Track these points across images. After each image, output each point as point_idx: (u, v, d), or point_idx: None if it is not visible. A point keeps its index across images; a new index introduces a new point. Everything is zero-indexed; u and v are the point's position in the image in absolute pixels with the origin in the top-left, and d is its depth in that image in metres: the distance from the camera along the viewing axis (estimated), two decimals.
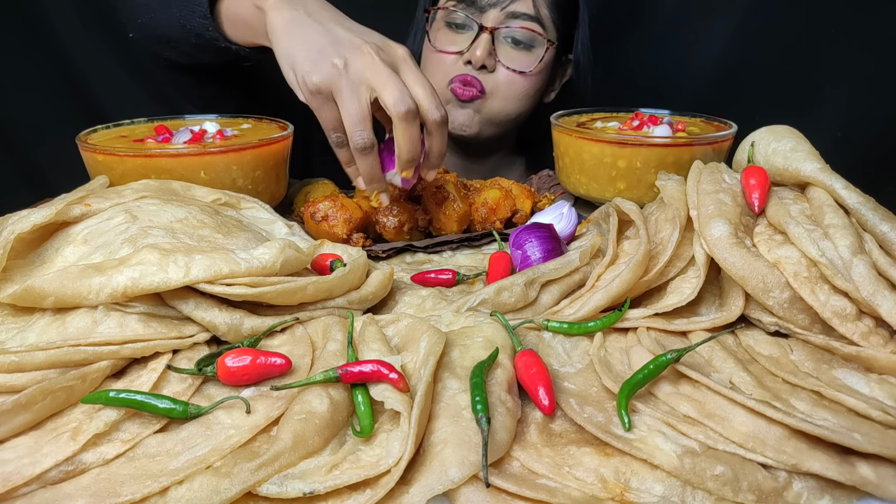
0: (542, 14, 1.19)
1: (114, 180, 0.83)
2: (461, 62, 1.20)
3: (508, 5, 1.17)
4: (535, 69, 1.21)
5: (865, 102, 1.56)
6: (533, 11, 1.18)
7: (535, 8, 1.18)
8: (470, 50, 1.18)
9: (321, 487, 0.44)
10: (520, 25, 1.18)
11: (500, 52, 1.19)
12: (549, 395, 0.51)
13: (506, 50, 1.20)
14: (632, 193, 0.95)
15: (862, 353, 0.56)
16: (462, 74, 1.20)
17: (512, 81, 1.22)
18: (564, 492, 0.45)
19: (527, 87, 1.23)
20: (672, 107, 1.12)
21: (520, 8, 1.17)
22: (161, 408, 0.49)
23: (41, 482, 0.44)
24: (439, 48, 1.22)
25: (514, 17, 1.17)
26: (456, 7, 1.20)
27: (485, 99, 1.22)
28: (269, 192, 0.93)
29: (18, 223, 0.64)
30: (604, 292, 0.64)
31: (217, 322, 0.57)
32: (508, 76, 1.21)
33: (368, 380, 0.51)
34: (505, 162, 1.43)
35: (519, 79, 1.21)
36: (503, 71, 1.20)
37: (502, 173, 1.41)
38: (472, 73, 1.20)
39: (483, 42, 1.17)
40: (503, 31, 1.18)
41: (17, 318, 0.59)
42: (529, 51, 1.20)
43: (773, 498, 0.45)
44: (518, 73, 1.20)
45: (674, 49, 1.62)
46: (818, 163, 0.68)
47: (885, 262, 0.58)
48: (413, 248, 0.89)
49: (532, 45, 1.20)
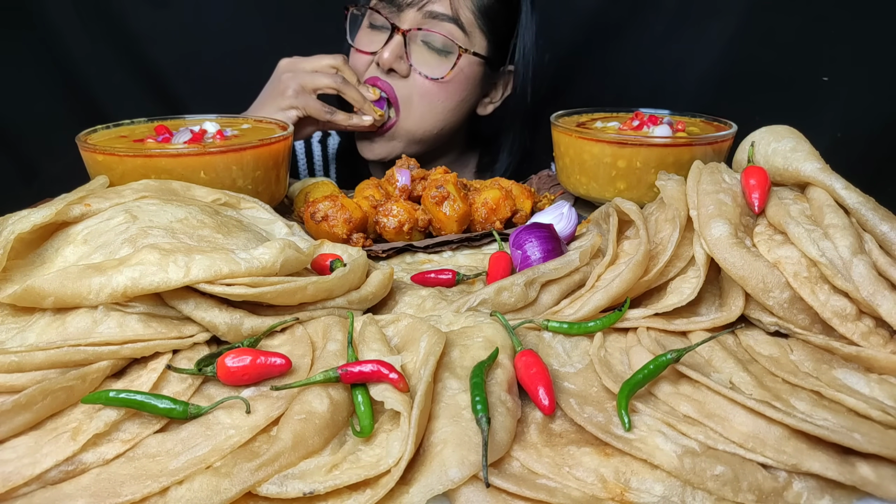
0: (464, 17, 1.14)
1: (114, 180, 0.83)
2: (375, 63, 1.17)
3: (426, 5, 1.12)
4: (447, 76, 1.16)
5: (865, 102, 1.56)
6: (451, 12, 1.13)
7: (454, 9, 1.13)
8: (380, 51, 1.15)
9: (321, 487, 0.44)
10: (435, 29, 1.13)
11: (414, 57, 1.15)
12: (549, 395, 0.51)
13: (421, 54, 1.16)
14: (632, 193, 0.95)
15: (862, 353, 0.56)
16: (371, 77, 1.17)
17: (426, 93, 1.17)
18: (564, 492, 0.45)
19: (443, 98, 1.18)
20: (672, 107, 1.12)
21: (437, 8, 1.13)
22: (161, 408, 0.49)
23: (41, 482, 0.44)
24: (357, 47, 1.20)
25: (432, 17, 1.13)
26: (377, 6, 1.16)
27: (397, 122, 1.19)
28: (269, 192, 0.93)
29: (18, 223, 0.64)
30: (604, 292, 0.64)
31: (217, 322, 0.57)
32: (423, 87, 1.16)
33: (368, 380, 0.51)
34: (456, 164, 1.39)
35: (433, 89, 1.17)
36: (417, 78, 1.16)
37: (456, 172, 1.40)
38: (383, 78, 1.16)
39: (393, 43, 1.13)
40: (419, 34, 1.14)
41: (17, 318, 0.59)
42: (445, 56, 1.16)
43: (773, 498, 0.45)
44: (430, 80, 1.16)
45: (674, 49, 1.62)
46: (818, 163, 0.68)
47: (885, 262, 0.58)
48: (413, 248, 0.89)
49: (448, 51, 1.15)
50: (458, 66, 1.16)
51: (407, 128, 1.20)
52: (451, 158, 1.39)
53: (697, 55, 1.62)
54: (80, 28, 1.67)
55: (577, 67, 1.69)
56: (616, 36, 1.65)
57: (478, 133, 1.41)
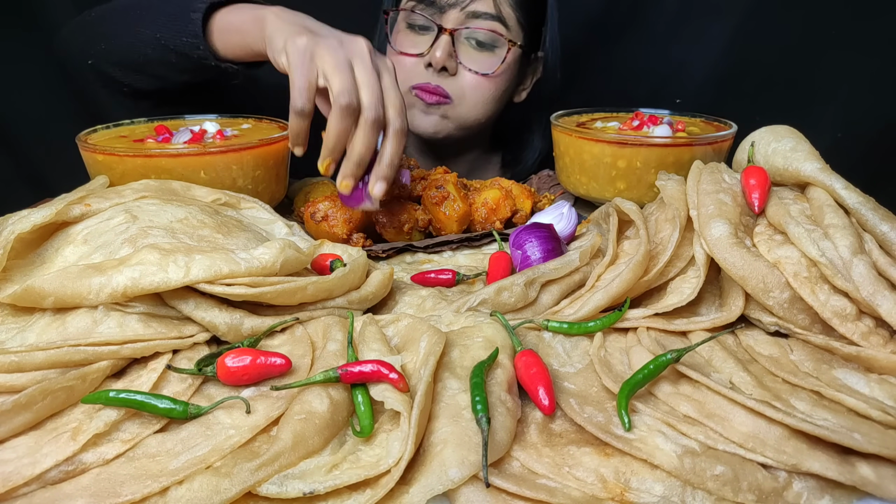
0: (505, 13, 1.16)
1: (114, 180, 0.83)
2: (422, 64, 1.18)
3: (468, 5, 1.14)
4: (497, 70, 1.18)
5: (866, 102, 1.56)
6: (494, 10, 1.15)
7: (497, 7, 1.15)
8: (430, 52, 1.15)
9: (321, 487, 0.44)
10: (481, 26, 1.15)
11: (461, 54, 1.17)
12: (549, 395, 0.51)
13: (468, 51, 1.17)
14: (632, 193, 0.95)
15: (862, 353, 0.56)
16: (423, 83, 1.18)
17: (477, 86, 1.19)
18: (564, 492, 0.45)
19: (492, 90, 1.21)
20: (672, 107, 1.12)
21: (480, 7, 1.14)
22: (161, 408, 0.49)
23: (41, 482, 0.44)
24: (399, 50, 1.20)
25: (475, 16, 1.14)
26: (416, 8, 1.17)
27: (452, 105, 1.20)
28: (269, 192, 0.93)
29: (18, 223, 0.64)
30: (604, 292, 0.64)
31: (217, 322, 0.57)
32: (473, 80, 1.18)
33: (368, 380, 0.51)
34: (480, 161, 1.41)
35: (483, 82, 1.19)
36: (466, 74, 1.18)
37: (478, 172, 1.40)
38: (434, 81, 1.17)
39: (443, 43, 1.14)
40: (464, 32, 1.15)
41: (17, 318, 0.59)
42: (492, 52, 1.18)
43: (773, 498, 0.45)
44: (481, 75, 1.18)
45: (674, 49, 1.62)
46: (818, 163, 0.68)
47: (885, 262, 0.58)
48: (413, 248, 0.89)
49: (494, 45, 1.17)
50: (507, 60, 1.19)
51: (459, 114, 1.22)
52: (479, 153, 1.40)
53: (697, 55, 1.62)
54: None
55: (577, 67, 1.69)
56: (616, 36, 1.65)
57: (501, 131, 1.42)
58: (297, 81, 0.76)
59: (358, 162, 0.79)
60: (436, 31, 1.16)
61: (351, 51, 0.78)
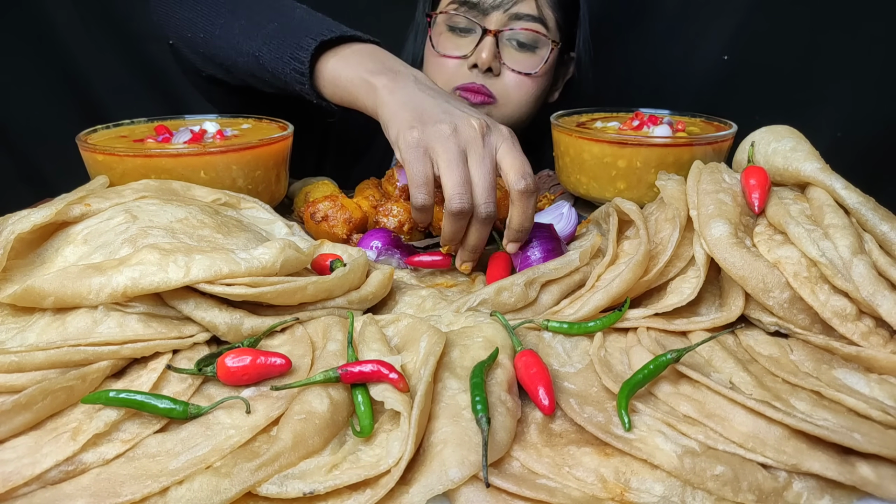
0: (546, 14, 1.19)
1: (114, 180, 0.83)
2: (465, 66, 1.19)
3: (511, 7, 1.16)
4: (540, 70, 1.20)
5: (866, 102, 1.56)
6: (536, 12, 1.17)
7: (539, 8, 1.17)
8: (475, 53, 1.17)
9: (321, 487, 0.44)
10: (523, 27, 1.17)
11: (504, 55, 1.19)
12: (549, 395, 0.51)
13: (510, 52, 1.19)
14: (632, 193, 0.95)
15: (862, 353, 0.56)
16: (468, 83, 1.19)
17: (520, 85, 1.21)
18: (564, 492, 0.45)
19: (535, 89, 1.23)
20: (672, 107, 1.12)
21: (523, 9, 1.17)
22: (161, 408, 0.49)
23: (41, 482, 0.44)
24: (442, 52, 1.21)
25: (518, 18, 1.17)
26: (458, 10, 1.19)
27: (496, 104, 1.21)
28: (269, 192, 0.93)
29: (18, 223, 0.64)
30: (604, 292, 0.64)
31: (217, 322, 0.57)
32: (516, 80, 1.20)
33: (368, 380, 0.51)
34: None
35: (526, 81, 1.21)
36: (509, 74, 1.20)
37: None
38: (479, 81, 1.19)
39: (488, 45, 1.16)
40: (507, 34, 1.17)
41: (17, 318, 0.59)
42: (534, 52, 1.20)
43: (773, 498, 0.45)
44: (524, 75, 1.20)
45: (674, 49, 1.62)
46: (818, 163, 0.68)
47: (885, 262, 0.58)
48: (413, 248, 0.89)
49: (536, 46, 1.19)
50: (549, 60, 1.20)
51: (503, 113, 1.23)
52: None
53: (698, 55, 1.62)
54: (80, 28, 1.67)
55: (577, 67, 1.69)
56: (616, 36, 1.64)
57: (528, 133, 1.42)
58: (414, 178, 0.74)
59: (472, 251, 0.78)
60: (479, 32, 1.17)
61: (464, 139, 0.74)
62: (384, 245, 0.81)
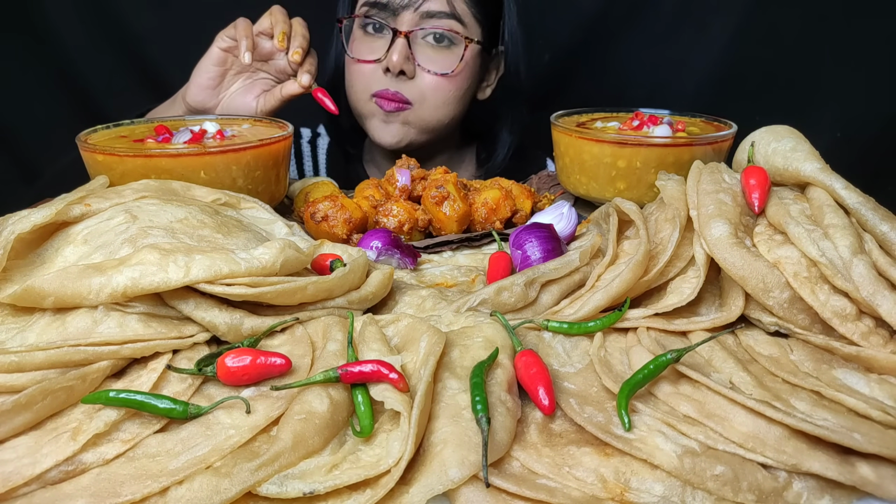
0: (459, 10, 1.16)
1: (114, 180, 0.83)
2: (380, 70, 1.17)
3: (422, 5, 1.13)
4: (456, 69, 1.17)
5: (865, 102, 1.56)
6: (448, 9, 1.14)
7: (450, 4, 1.15)
8: (387, 56, 1.15)
9: (321, 487, 0.44)
10: (436, 25, 1.14)
11: (418, 56, 1.16)
12: (549, 395, 0.51)
13: (425, 52, 1.17)
14: (632, 193, 0.95)
15: (862, 353, 0.56)
16: (382, 90, 1.17)
17: (437, 87, 1.18)
18: (564, 492, 0.45)
19: (452, 89, 1.20)
20: (672, 107, 1.12)
21: (434, 6, 1.14)
22: (161, 408, 0.49)
23: (41, 482, 0.44)
24: (357, 57, 1.20)
25: (430, 16, 1.14)
26: (369, 13, 1.17)
27: (412, 109, 1.19)
28: (269, 192, 0.93)
29: (18, 223, 0.64)
30: (604, 292, 0.64)
31: (217, 322, 0.57)
32: (432, 82, 1.18)
33: (368, 380, 0.51)
34: (454, 160, 1.41)
35: (443, 82, 1.18)
36: (425, 76, 1.17)
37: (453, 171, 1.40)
38: (393, 87, 1.17)
39: (399, 46, 1.14)
40: (419, 34, 1.15)
41: (17, 318, 0.59)
42: (449, 50, 1.17)
43: (773, 498, 0.45)
44: (440, 75, 1.17)
45: (674, 49, 1.62)
46: (818, 163, 0.68)
47: (885, 262, 0.58)
48: (413, 248, 0.89)
49: (452, 43, 1.17)
50: (465, 58, 1.18)
51: (421, 117, 1.21)
52: (450, 153, 1.40)
53: (697, 55, 1.62)
54: (80, 28, 1.67)
55: (576, 67, 1.69)
56: (616, 36, 1.65)
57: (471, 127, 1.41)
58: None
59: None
60: (391, 34, 1.15)
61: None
62: (384, 245, 0.81)
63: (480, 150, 1.44)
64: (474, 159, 1.44)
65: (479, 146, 1.44)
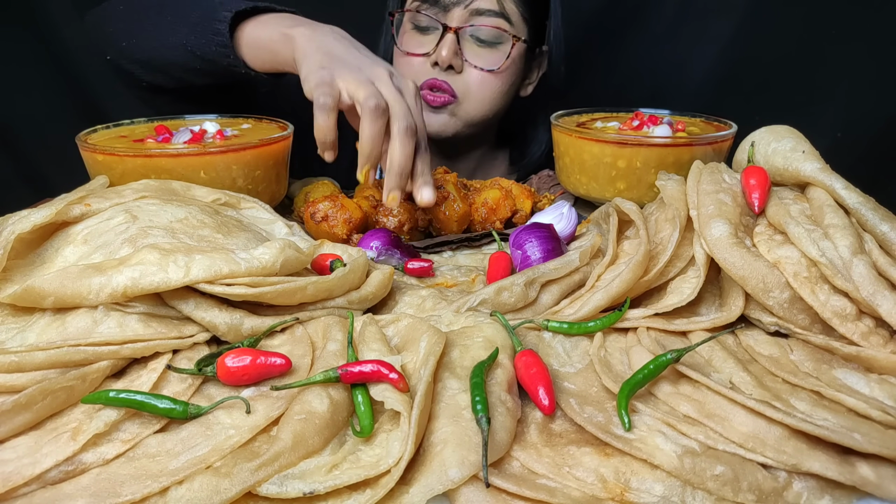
0: (508, 9, 1.18)
1: (114, 180, 0.83)
2: (429, 64, 1.20)
3: (472, 3, 1.15)
4: (502, 66, 1.20)
5: (865, 102, 1.56)
6: (497, 7, 1.17)
7: (500, 3, 1.17)
8: (436, 51, 1.17)
9: (321, 487, 0.44)
10: (484, 23, 1.17)
11: (466, 52, 1.19)
12: (549, 395, 0.51)
13: (472, 48, 1.19)
14: (632, 193, 0.95)
15: (862, 353, 0.56)
16: (430, 80, 1.19)
17: (483, 82, 1.21)
18: (564, 492, 0.45)
19: (498, 85, 1.23)
20: (672, 107, 1.12)
21: (484, 4, 1.16)
22: (161, 408, 0.49)
23: (41, 482, 0.44)
24: (406, 50, 1.22)
25: (479, 14, 1.16)
26: (420, 8, 1.19)
27: (458, 103, 1.21)
28: (269, 192, 0.93)
29: (18, 223, 0.64)
30: (604, 292, 0.64)
31: (217, 322, 0.57)
32: (478, 77, 1.20)
33: (368, 380, 0.51)
34: (487, 158, 1.43)
35: (489, 78, 1.21)
36: (472, 71, 1.20)
37: (485, 169, 1.41)
38: (441, 77, 1.19)
39: (448, 42, 1.16)
40: (468, 30, 1.17)
41: (17, 318, 0.59)
42: (496, 48, 1.19)
43: (773, 498, 0.45)
44: (487, 71, 1.19)
45: (674, 49, 1.62)
46: (818, 163, 0.68)
47: (885, 262, 0.58)
48: (413, 248, 0.89)
49: (498, 41, 1.19)
50: (511, 55, 1.20)
51: (466, 111, 1.23)
52: (484, 151, 1.41)
53: (697, 55, 1.62)
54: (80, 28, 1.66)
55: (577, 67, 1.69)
56: (616, 36, 1.65)
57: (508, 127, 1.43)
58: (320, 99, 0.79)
59: (399, 172, 0.79)
60: (441, 30, 1.17)
61: (372, 74, 0.81)
62: (384, 245, 0.81)
63: (514, 150, 1.46)
64: (506, 159, 1.46)
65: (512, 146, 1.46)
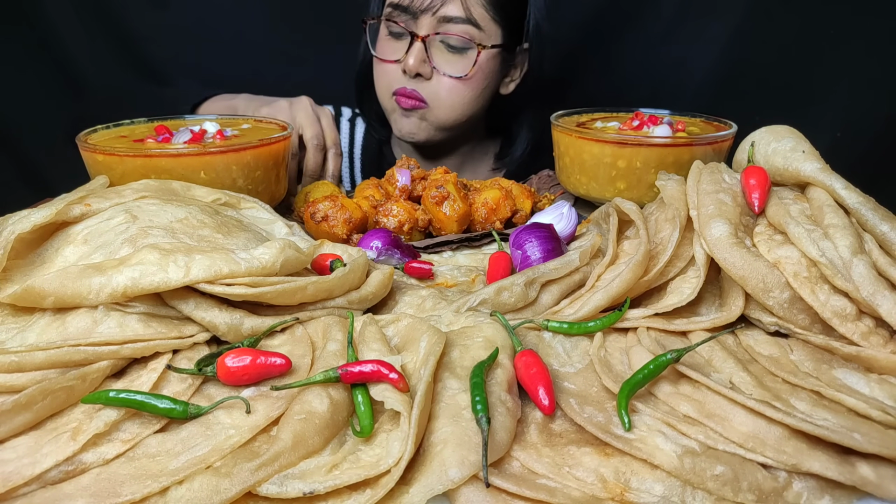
0: (476, 14, 1.18)
1: (114, 180, 0.83)
2: (400, 69, 1.22)
3: (439, 9, 1.16)
4: (470, 73, 1.21)
5: (865, 102, 1.56)
6: (465, 14, 1.17)
7: (467, 10, 1.17)
8: (405, 59, 1.19)
9: (321, 487, 0.44)
10: (452, 31, 1.18)
11: (435, 59, 1.20)
12: (549, 395, 0.51)
13: (442, 55, 1.20)
14: (632, 193, 0.95)
15: (862, 353, 0.56)
16: (401, 88, 1.22)
17: (452, 88, 1.22)
18: (564, 492, 0.45)
19: (467, 91, 1.24)
20: (672, 107, 1.12)
21: (451, 11, 1.17)
22: (161, 408, 0.49)
23: (41, 482, 0.44)
24: (380, 57, 1.25)
25: (447, 21, 1.17)
26: (391, 15, 1.21)
27: (428, 108, 1.23)
28: (269, 192, 0.93)
29: (18, 223, 0.64)
30: (604, 292, 0.64)
31: (217, 322, 0.57)
32: (448, 83, 1.22)
33: (368, 380, 0.51)
34: (475, 153, 1.44)
35: (458, 85, 1.22)
36: (442, 79, 1.21)
37: (472, 164, 1.43)
38: (410, 86, 1.22)
39: (415, 51, 1.18)
40: (437, 37, 1.18)
41: (17, 318, 0.59)
42: (465, 54, 1.20)
43: (773, 498, 0.45)
44: (455, 78, 1.21)
45: (674, 49, 1.62)
46: (818, 163, 0.68)
47: (885, 262, 0.58)
48: (413, 248, 0.89)
49: (467, 48, 1.20)
50: (478, 62, 1.21)
51: (437, 116, 1.25)
52: (471, 146, 1.43)
53: (697, 55, 1.62)
54: (80, 28, 1.67)
55: (577, 67, 1.69)
56: (616, 36, 1.65)
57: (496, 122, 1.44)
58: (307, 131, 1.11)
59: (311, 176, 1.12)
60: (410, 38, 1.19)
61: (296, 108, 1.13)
62: (384, 245, 0.81)
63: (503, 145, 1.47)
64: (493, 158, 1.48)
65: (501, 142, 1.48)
